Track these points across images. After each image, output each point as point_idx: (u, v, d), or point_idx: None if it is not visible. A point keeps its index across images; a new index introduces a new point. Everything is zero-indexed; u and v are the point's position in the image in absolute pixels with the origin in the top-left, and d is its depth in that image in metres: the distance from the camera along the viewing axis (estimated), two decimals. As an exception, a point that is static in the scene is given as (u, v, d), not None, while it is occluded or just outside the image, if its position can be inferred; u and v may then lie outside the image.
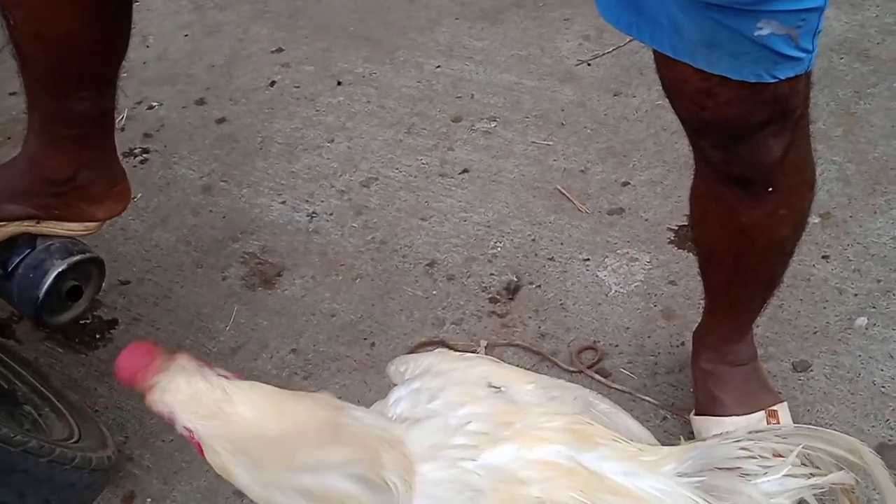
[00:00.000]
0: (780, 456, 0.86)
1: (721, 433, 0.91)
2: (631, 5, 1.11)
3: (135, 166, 2.31)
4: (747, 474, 0.84)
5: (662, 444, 1.52)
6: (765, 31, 1.02)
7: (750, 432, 0.87)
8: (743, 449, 0.85)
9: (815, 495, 0.86)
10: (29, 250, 1.47)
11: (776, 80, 1.08)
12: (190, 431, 0.92)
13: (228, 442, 0.90)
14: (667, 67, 1.14)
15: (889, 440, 1.51)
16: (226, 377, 0.94)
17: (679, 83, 1.13)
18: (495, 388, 1.00)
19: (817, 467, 0.87)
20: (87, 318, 1.89)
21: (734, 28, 1.03)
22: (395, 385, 1.08)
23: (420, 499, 0.89)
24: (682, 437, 1.54)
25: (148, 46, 2.75)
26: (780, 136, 1.16)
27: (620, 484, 0.89)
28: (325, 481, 0.89)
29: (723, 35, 1.04)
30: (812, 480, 0.84)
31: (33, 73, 1.39)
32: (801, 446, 0.84)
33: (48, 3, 1.30)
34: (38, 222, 1.48)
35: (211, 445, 0.91)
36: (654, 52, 1.14)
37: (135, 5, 1.42)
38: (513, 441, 0.92)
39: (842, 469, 0.86)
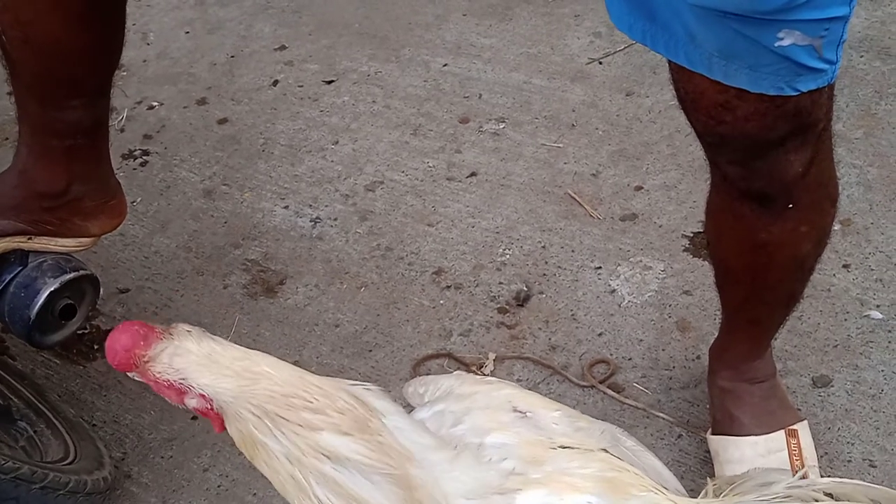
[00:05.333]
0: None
1: (760, 481, 0.86)
2: (644, 13, 1.06)
3: (135, 169, 2.26)
4: None
5: (678, 464, 1.48)
6: (786, 42, 0.97)
7: (789, 486, 0.82)
8: None
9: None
10: (20, 268, 1.42)
11: (798, 93, 1.02)
12: (207, 399, 0.82)
13: (256, 404, 0.80)
14: (682, 79, 1.08)
15: (914, 461, 1.45)
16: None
17: (695, 95, 1.08)
18: (520, 412, 0.97)
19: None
20: (86, 329, 1.85)
21: (753, 38, 0.97)
22: (413, 407, 1.04)
23: None
24: (699, 459, 1.49)
25: (149, 44, 2.69)
26: (801, 151, 1.11)
27: None
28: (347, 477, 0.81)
29: (741, 45, 0.98)
30: None
31: (22, 81, 1.34)
32: None
33: (36, 8, 1.26)
34: (29, 238, 1.44)
35: (236, 409, 0.81)
36: (669, 62, 1.09)
37: (136, 1, 1.37)
38: (543, 486, 0.87)
39: None
